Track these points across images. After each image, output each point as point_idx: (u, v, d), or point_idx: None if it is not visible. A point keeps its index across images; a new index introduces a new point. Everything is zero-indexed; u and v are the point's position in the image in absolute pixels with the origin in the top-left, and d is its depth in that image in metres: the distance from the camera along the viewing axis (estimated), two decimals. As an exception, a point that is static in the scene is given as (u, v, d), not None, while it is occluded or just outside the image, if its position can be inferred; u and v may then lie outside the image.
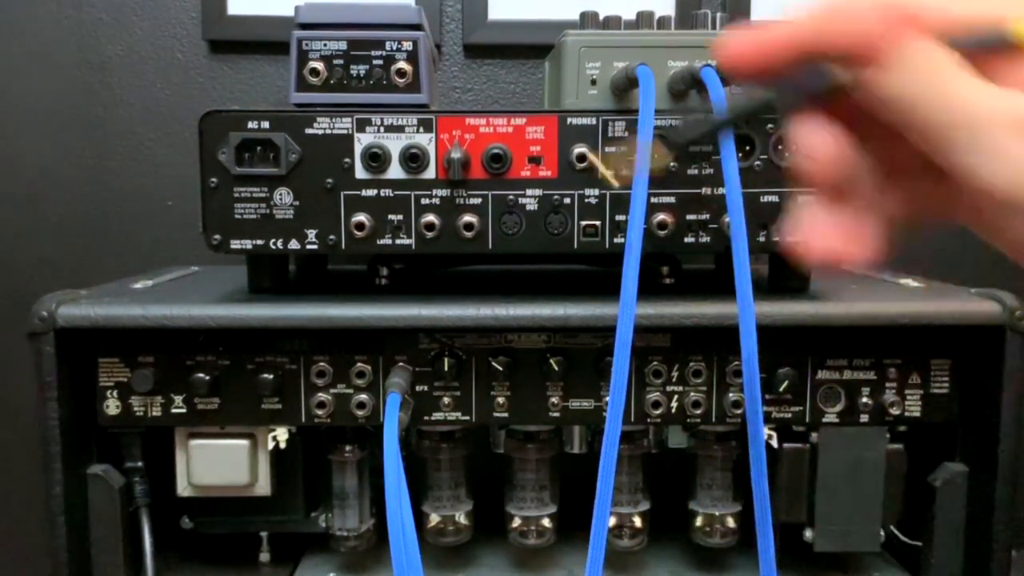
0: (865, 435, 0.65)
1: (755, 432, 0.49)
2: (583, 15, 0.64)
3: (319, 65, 0.61)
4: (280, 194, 0.61)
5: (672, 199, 0.61)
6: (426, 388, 0.64)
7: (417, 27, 0.62)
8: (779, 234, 0.61)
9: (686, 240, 0.62)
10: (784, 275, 0.67)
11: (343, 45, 0.62)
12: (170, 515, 0.70)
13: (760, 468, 0.49)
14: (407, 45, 0.61)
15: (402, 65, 0.61)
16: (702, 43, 0.60)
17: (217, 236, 0.61)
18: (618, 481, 0.68)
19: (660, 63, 0.61)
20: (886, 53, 0.26)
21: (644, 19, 0.63)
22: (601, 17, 0.64)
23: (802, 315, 0.61)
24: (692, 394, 0.64)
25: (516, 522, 0.72)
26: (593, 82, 0.63)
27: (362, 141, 0.61)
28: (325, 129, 0.60)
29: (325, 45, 0.62)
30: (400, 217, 0.61)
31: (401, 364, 0.63)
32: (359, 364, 0.63)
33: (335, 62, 0.62)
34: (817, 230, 0.29)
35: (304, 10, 0.62)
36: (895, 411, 0.64)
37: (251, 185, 0.60)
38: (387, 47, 0.61)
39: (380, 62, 0.61)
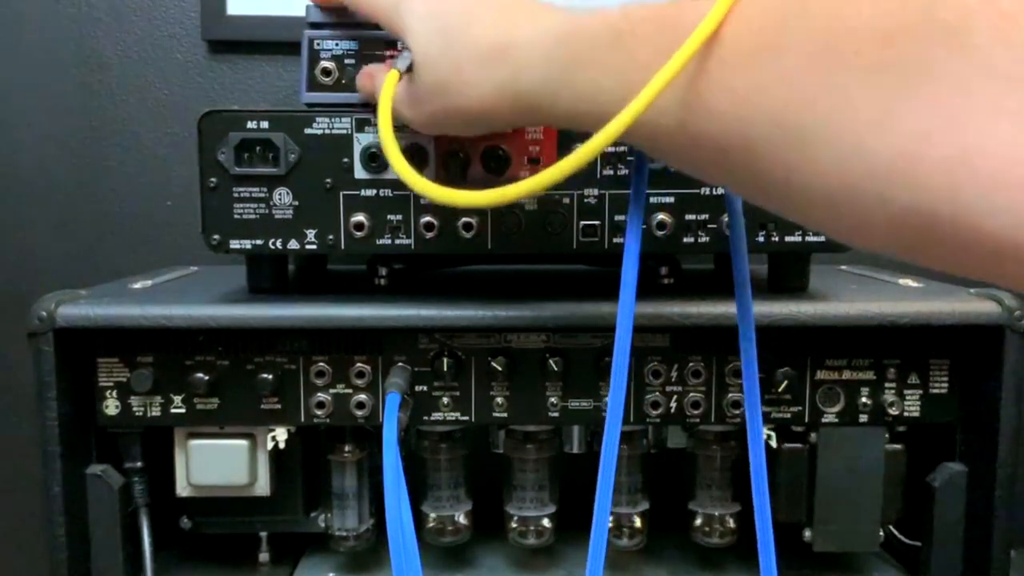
0: (864, 435, 0.65)
1: (754, 433, 0.49)
2: (583, 15, 0.64)
3: (330, 65, 0.61)
4: (279, 194, 0.61)
5: (671, 199, 0.61)
6: (425, 388, 0.64)
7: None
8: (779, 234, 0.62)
9: (685, 240, 0.62)
10: (784, 275, 0.67)
11: (354, 45, 0.61)
12: (169, 515, 0.70)
13: (760, 468, 0.49)
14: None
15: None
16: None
17: (216, 236, 0.61)
18: (617, 481, 0.68)
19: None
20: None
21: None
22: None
23: (801, 315, 0.61)
24: (691, 394, 0.64)
25: (515, 522, 0.72)
26: (592, 82, 0.63)
27: (361, 141, 0.61)
28: (324, 129, 0.60)
29: (336, 45, 0.62)
30: (399, 217, 0.61)
31: (400, 364, 0.63)
32: (358, 364, 0.63)
33: (346, 62, 0.62)
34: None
35: (315, 9, 0.62)
36: (894, 411, 0.64)
37: (250, 185, 0.61)
38: (398, 46, 0.61)
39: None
